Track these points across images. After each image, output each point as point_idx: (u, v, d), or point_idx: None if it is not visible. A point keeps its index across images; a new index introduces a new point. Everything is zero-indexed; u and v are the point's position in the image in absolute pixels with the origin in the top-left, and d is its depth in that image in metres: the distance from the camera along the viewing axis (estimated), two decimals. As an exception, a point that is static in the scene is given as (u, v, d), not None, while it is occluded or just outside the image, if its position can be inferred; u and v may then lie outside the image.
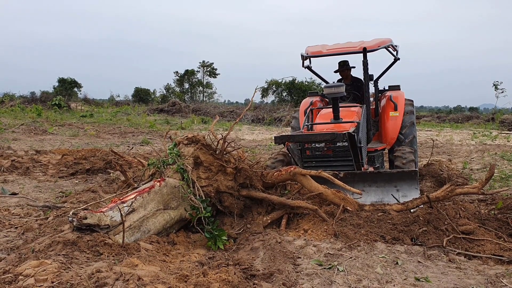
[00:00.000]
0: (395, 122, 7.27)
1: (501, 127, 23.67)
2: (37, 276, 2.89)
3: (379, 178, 5.61)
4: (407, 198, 5.23)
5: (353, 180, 5.58)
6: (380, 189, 5.57)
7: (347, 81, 7.81)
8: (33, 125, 16.11)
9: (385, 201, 5.38)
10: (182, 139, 5.17)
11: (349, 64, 7.85)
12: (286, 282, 3.27)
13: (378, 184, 5.59)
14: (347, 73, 7.86)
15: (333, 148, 6.00)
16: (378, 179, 5.61)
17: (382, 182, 5.58)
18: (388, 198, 5.44)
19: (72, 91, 46.01)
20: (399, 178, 5.52)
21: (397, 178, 5.53)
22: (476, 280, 3.48)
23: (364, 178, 5.66)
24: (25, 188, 6.64)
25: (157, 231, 4.26)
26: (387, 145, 7.33)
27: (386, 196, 5.49)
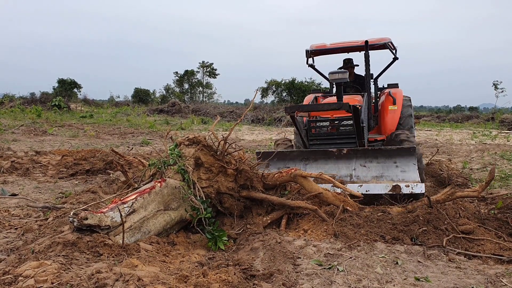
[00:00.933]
0: (393, 115, 7.64)
1: (501, 127, 23.68)
2: (37, 277, 2.89)
3: (380, 154, 5.85)
4: (406, 173, 5.54)
5: (355, 156, 5.93)
6: (380, 165, 5.81)
7: (350, 77, 8.11)
8: (33, 126, 16.12)
9: (385, 175, 5.69)
10: (183, 140, 5.17)
11: (353, 62, 8.26)
12: (286, 282, 3.28)
13: (378, 160, 5.84)
14: (351, 70, 8.21)
15: (337, 126, 6.40)
16: (379, 155, 5.85)
17: (383, 158, 5.83)
18: (388, 172, 5.71)
19: (71, 91, 45.99)
20: (398, 154, 5.75)
21: (396, 154, 5.76)
22: (476, 280, 3.48)
23: (366, 154, 5.93)
24: (25, 189, 6.64)
25: (158, 231, 4.26)
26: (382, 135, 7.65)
27: (386, 171, 5.73)
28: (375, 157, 5.90)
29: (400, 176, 5.55)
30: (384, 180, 5.61)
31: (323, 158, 6.08)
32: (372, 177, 5.72)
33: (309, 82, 44.10)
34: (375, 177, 5.72)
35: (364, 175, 5.70)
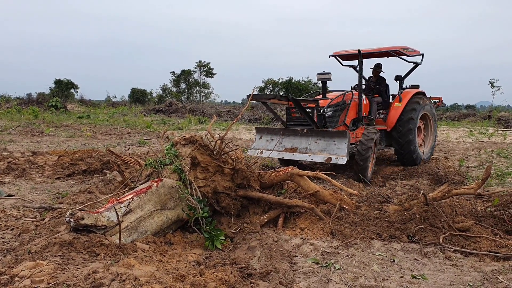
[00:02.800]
0: (396, 111, 9.45)
1: (498, 125, 23.74)
2: (33, 277, 2.89)
3: (326, 135, 7.81)
4: (339, 149, 7.53)
5: (311, 135, 7.98)
6: (325, 142, 7.78)
7: (374, 78, 10.17)
8: (30, 127, 16.07)
9: (327, 149, 7.68)
10: (179, 139, 5.17)
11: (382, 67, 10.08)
12: (282, 281, 3.28)
13: (325, 139, 7.80)
14: (377, 72, 10.09)
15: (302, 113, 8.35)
16: (325, 135, 7.81)
17: (327, 138, 7.78)
18: (328, 148, 7.68)
19: (68, 92, 45.94)
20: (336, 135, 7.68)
21: (335, 135, 7.70)
22: (473, 277, 3.49)
23: (318, 134, 7.92)
24: (21, 190, 6.62)
25: (154, 231, 4.26)
26: (387, 127, 9.51)
27: (328, 147, 7.70)
28: (323, 136, 7.86)
29: (335, 151, 7.57)
30: (324, 153, 7.68)
31: (293, 134, 8.25)
32: (318, 150, 7.79)
33: (306, 82, 44.14)
34: (320, 150, 7.78)
35: (313, 148, 7.86)
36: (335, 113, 8.65)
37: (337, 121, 8.62)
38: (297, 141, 8.15)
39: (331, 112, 8.63)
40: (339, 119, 8.65)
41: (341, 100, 8.78)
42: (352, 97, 8.88)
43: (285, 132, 8.40)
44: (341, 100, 8.78)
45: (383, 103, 9.93)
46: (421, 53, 9.92)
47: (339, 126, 8.55)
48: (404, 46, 9.52)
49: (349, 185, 6.90)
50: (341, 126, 8.58)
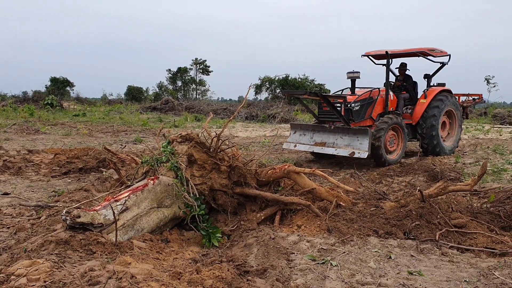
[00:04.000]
0: (421, 107, 10.39)
1: (494, 121, 23.82)
2: (29, 275, 2.88)
3: (351, 131, 8.92)
4: (361, 144, 8.61)
5: (338, 131, 9.15)
6: (350, 138, 8.90)
7: (401, 77, 11.12)
8: (26, 125, 16.01)
9: (351, 144, 8.80)
10: (175, 137, 5.16)
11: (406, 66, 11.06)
12: (279, 277, 3.28)
13: (349, 135, 8.92)
14: (403, 71, 11.05)
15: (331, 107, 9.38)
16: (350, 132, 8.93)
17: (351, 134, 8.89)
18: (352, 143, 8.80)
19: (64, 90, 45.75)
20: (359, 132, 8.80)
21: (358, 132, 8.81)
22: (469, 273, 3.51)
23: (343, 130, 9.05)
24: (17, 188, 6.60)
25: (151, 229, 4.25)
26: (413, 121, 10.42)
27: (352, 142, 8.83)
28: (347, 133, 8.97)
29: (358, 146, 8.67)
30: (348, 147, 8.80)
31: (322, 130, 9.46)
32: (344, 145, 8.93)
33: (303, 79, 44.15)
34: (345, 145, 8.91)
35: (340, 143, 9.02)
36: (362, 107, 9.59)
37: (363, 115, 9.62)
38: (326, 136, 9.36)
39: (358, 107, 9.54)
40: (366, 113, 9.66)
41: (368, 96, 9.72)
42: (379, 94, 9.85)
43: (315, 128, 9.65)
44: (368, 96, 9.72)
45: (410, 99, 10.85)
46: (448, 54, 10.70)
47: (365, 120, 9.66)
48: (431, 48, 10.40)
49: (346, 182, 6.90)
50: (367, 119, 9.70)
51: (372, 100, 9.72)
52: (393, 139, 9.46)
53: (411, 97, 10.88)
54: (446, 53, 10.66)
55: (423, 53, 10.47)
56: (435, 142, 10.26)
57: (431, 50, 10.40)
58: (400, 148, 9.58)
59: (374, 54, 10.72)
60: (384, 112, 9.96)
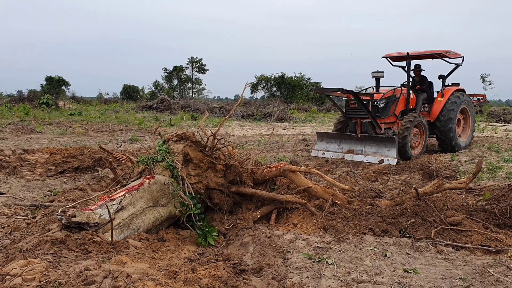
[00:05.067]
0: (439, 105, 11.10)
1: (489, 119, 23.93)
2: (24, 275, 2.87)
3: (378, 139, 9.55)
4: (389, 152, 9.23)
5: (365, 139, 9.75)
6: (377, 145, 9.51)
7: (417, 78, 11.86)
8: (21, 124, 15.95)
9: (379, 152, 9.41)
10: (171, 136, 5.15)
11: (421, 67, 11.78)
12: (275, 276, 3.28)
13: (377, 143, 9.55)
14: (418, 72, 11.80)
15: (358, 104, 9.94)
16: (377, 140, 9.56)
17: (379, 142, 9.51)
18: (380, 150, 9.40)
19: (60, 89, 45.62)
20: (386, 140, 9.40)
21: (385, 140, 9.42)
22: (464, 271, 3.52)
23: (371, 138, 9.68)
24: (12, 188, 6.58)
25: (147, 228, 4.25)
26: (431, 118, 11.07)
27: (380, 149, 9.43)
28: (375, 141, 9.58)
29: (386, 153, 9.28)
30: (377, 155, 9.37)
31: (349, 138, 10.07)
32: (372, 152, 9.53)
33: (299, 77, 44.18)
34: (373, 152, 9.51)
35: (368, 150, 9.63)
36: (387, 105, 10.28)
37: (388, 111, 10.31)
38: (354, 144, 9.95)
39: (383, 104, 10.21)
40: (390, 110, 10.35)
41: (392, 94, 10.44)
42: (401, 92, 10.60)
43: (342, 136, 10.29)
44: (392, 94, 10.44)
45: (428, 98, 11.61)
46: (462, 56, 11.43)
47: (389, 116, 10.40)
48: (446, 50, 11.10)
49: (342, 181, 6.92)
50: (391, 116, 10.46)
51: (395, 98, 10.42)
52: (416, 135, 10.18)
53: (428, 96, 11.60)
54: (460, 55, 11.35)
55: (440, 55, 11.11)
56: (452, 135, 10.88)
57: (447, 52, 11.07)
58: (422, 144, 10.37)
59: (394, 56, 11.37)
60: (406, 109, 10.73)
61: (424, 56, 11.44)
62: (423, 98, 11.43)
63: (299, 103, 35.68)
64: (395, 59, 11.67)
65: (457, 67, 11.69)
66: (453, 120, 10.92)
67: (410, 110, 10.74)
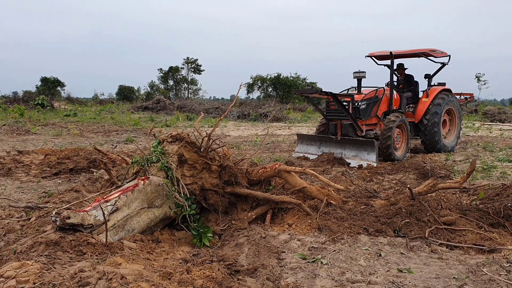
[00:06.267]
0: (423, 105, 10.82)
1: (484, 119, 24.01)
2: (18, 277, 2.86)
3: (358, 143, 9.31)
4: (369, 155, 8.99)
5: (345, 142, 9.51)
6: (358, 149, 9.28)
7: (401, 77, 11.70)
8: (16, 125, 15.90)
9: (359, 155, 9.18)
10: (166, 137, 5.15)
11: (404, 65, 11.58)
12: (270, 276, 3.29)
13: (357, 146, 9.31)
14: (402, 71, 11.61)
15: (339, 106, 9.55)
16: (357, 143, 9.32)
17: (359, 145, 9.26)
18: (360, 154, 9.19)
19: (55, 90, 45.46)
20: (366, 143, 9.14)
21: (365, 143, 9.16)
22: (458, 270, 3.54)
23: (350, 141, 9.43)
24: (7, 189, 6.56)
25: (142, 229, 4.25)
26: (415, 119, 10.84)
27: (360, 153, 9.21)
28: (355, 144, 9.35)
29: (366, 157, 9.06)
30: (357, 158, 9.17)
31: (329, 141, 9.86)
32: (352, 156, 9.30)
33: (294, 77, 44.20)
34: (352, 155, 9.29)
35: (347, 153, 9.40)
36: (368, 106, 9.96)
37: (369, 113, 10.00)
38: (334, 146, 9.77)
39: (365, 105, 9.90)
40: (372, 112, 10.04)
41: (373, 95, 10.10)
42: (384, 93, 10.29)
43: (322, 139, 10.10)
44: (373, 95, 10.10)
45: (412, 98, 11.37)
46: (448, 55, 11.10)
47: (371, 118, 10.08)
48: (432, 48, 10.80)
49: (337, 181, 6.93)
50: (373, 117, 10.13)
51: (377, 99, 10.11)
52: (398, 136, 9.84)
53: (412, 96, 11.36)
54: (446, 54, 11.04)
55: (425, 54, 10.88)
56: (437, 139, 10.65)
57: (432, 51, 10.79)
58: (405, 144, 9.99)
59: (378, 55, 11.11)
60: (389, 110, 10.40)
61: (409, 55, 11.26)
62: (407, 98, 11.18)
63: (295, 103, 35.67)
64: (380, 58, 11.42)
65: (443, 66, 11.42)
66: (438, 122, 10.69)
67: (393, 111, 10.41)
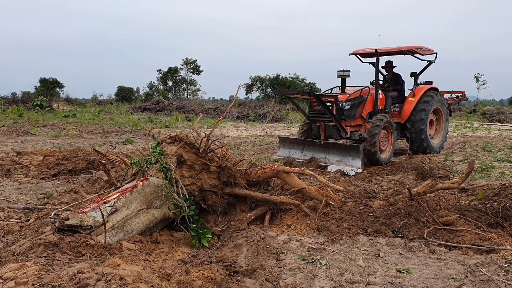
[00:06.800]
0: (410, 105, 10.42)
1: (483, 119, 24.04)
2: (17, 279, 2.86)
3: (342, 147, 8.91)
4: (354, 161, 8.52)
5: (329, 146, 9.06)
6: (342, 153, 8.81)
7: (389, 75, 11.23)
8: (15, 126, 15.89)
9: (343, 160, 8.70)
10: (165, 138, 5.15)
11: (393, 63, 11.14)
12: (269, 277, 3.29)
13: (341, 151, 8.85)
14: (390, 69, 11.17)
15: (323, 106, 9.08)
16: (341, 147, 8.91)
17: (343, 150, 8.83)
18: (344, 159, 8.70)
19: (54, 91, 45.40)
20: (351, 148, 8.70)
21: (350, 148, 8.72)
22: (456, 270, 3.54)
23: (335, 146, 9.02)
24: (5, 191, 6.55)
25: (141, 230, 4.25)
26: (402, 119, 10.43)
27: (344, 158, 8.73)
28: (339, 149, 8.91)
29: (350, 162, 8.58)
30: (341, 164, 8.68)
31: (312, 145, 9.35)
32: (336, 161, 8.84)
33: (294, 78, 44.21)
34: (337, 161, 8.83)
35: (331, 158, 8.94)
36: (353, 106, 9.45)
37: (354, 114, 9.51)
38: (317, 151, 9.28)
39: (349, 106, 9.39)
40: (357, 112, 9.55)
41: (358, 95, 9.59)
42: (369, 92, 9.78)
43: (305, 142, 9.61)
44: (358, 95, 9.59)
45: (398, 98, 10.90)
46: (435, 52, 10.72)
47: (356, 119, 9.58)
48: (418, 46, 10.37)
49: (336, 181, 6.94)
50: (358, 118, 9.63)
51: (362, 99, 9.67)
52: (384, 138, 9.42)
53: (398, 96, 10.93)
54: (433, 51, 10.72)
55: (411, 51, 10.50)
56: (424, 140, 10.31)
57: (419, 48, 10.43)
58: (391, 146, 9.58)
59: (363, 52, 10.68)
60: (374, 110, 9.96)
61: (394, 52, 10.80)
62: (393, 97, 10.76)
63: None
64: (364, 55, 10.93)
65: (430, 64, 11.08)
66: (424, 122, 10.31)
67: (379, 111, 9.97)
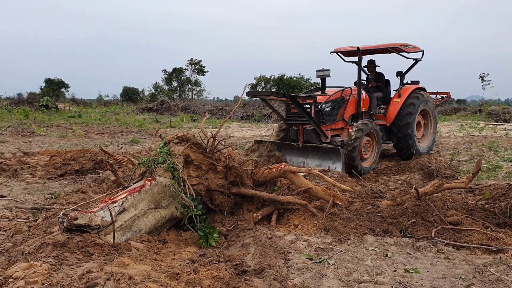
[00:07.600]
0: (395, 106, 9.68)
1: (488, 119, 23.92)
2: (27, 278, 2.89)
3: (321, 150, 8.17)
4: (334, 164, 7.86)
5: (307, 149, 8.36)
6: (321, 157, 8.18)
7: (372, 75, 10.41)
8: (21, 127, 15.96)
9: (323, 164, 8.02)
10: (172, 138, 5.17)
11: (375, 63, 10.43)
12: (277, 277, 3.29)
13: (320, 154, 8.20)
14: (372, 68, 10.40)
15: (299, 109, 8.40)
16: (321, 150, 8.18)
17: (323, 153, 8.17)
18: (324, 163, 8.04)
19: (59, 91, 45.54)
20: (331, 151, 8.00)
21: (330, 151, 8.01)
22: (464, 270, 3.53)
23: (313, 149, 8.29)
24: (13, 191, 6.59)
25: (149, 230, 4.26)
26: (387, 122, 9.72)
27: (324, 161, 8.08)
28: (318, 152, 8.24)
29: (331, 166, 7.89)
30: (321, 168, 7.74)
31: (289, 148, 8.66)
32: (315, 165, 8.08)
33: (298, 78, 44.14)
34: (316, 165, 8.11)
35: (310, 162, 8.26)
36: (333, 108, 8.78)
37: (335, 116, 8.81)
38: (295, 154, 8.61)
39: (330, 108, 8.72)
40: (338, 115, 8.85)
41: (339, 96, 8.92)
42: (351, 93, 9.06)
43: (282, 146, 8.85)
44: (339, 96, 8.92)
45: (383, 99, 10.19)
46: (421, 50, 10.08)
47: (337, 122, 8.87)
48: (404, 43, 9.70)
49: (342, 181, 6.93)
50: (339, 121, 8.91)
51: (344, 100, 8.96)
52: (367, 145, 8.63)
53: (384, 96, 10.25)
54: (419, 49, 10.09)
55: (396, 49, 9.80)
56: (410, 142, 9.49)
57: (404, 45, 9.76)
58: (374, 154, 8.81)
59: (344, 50, 10.00)
60: (357, 113, 9.25)
61: (378, 50, 9.99)
62: (378, 98, 10.01)
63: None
64: (347, 54, 10.17)
65: (417, 63, 10.27)
66: (411, 125, 9.50)
67: (362, 113, 9.28)
